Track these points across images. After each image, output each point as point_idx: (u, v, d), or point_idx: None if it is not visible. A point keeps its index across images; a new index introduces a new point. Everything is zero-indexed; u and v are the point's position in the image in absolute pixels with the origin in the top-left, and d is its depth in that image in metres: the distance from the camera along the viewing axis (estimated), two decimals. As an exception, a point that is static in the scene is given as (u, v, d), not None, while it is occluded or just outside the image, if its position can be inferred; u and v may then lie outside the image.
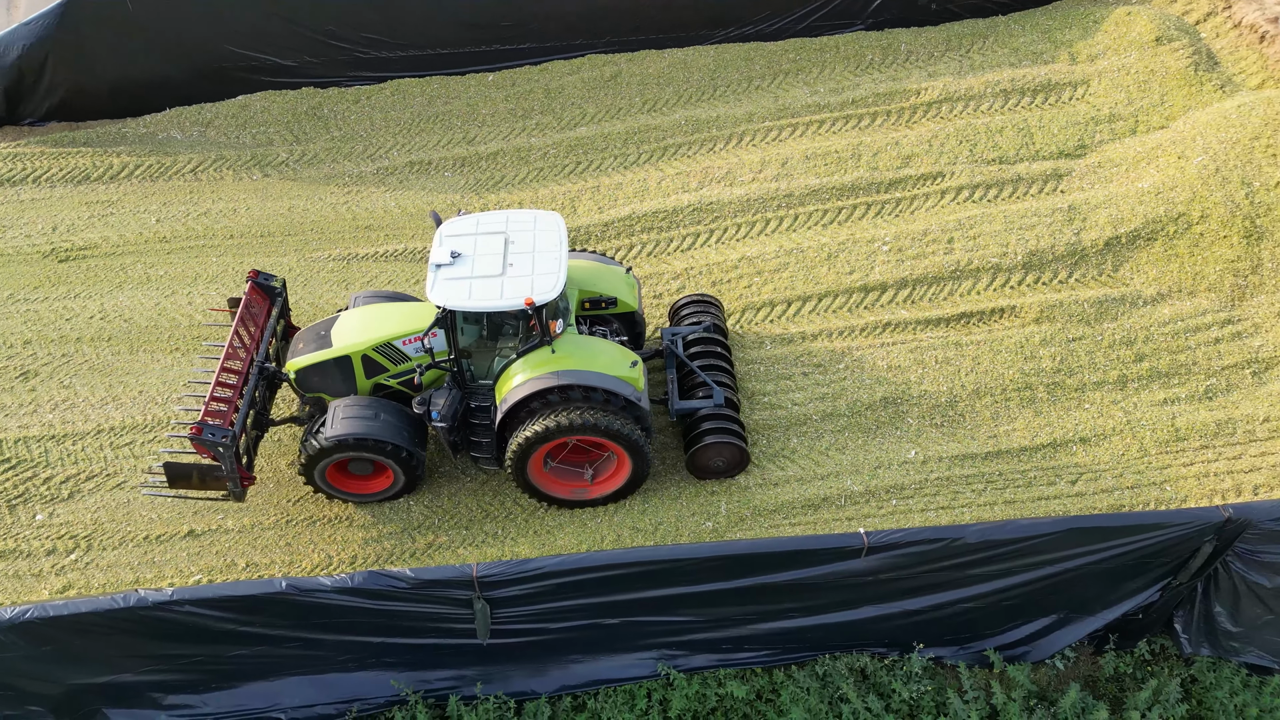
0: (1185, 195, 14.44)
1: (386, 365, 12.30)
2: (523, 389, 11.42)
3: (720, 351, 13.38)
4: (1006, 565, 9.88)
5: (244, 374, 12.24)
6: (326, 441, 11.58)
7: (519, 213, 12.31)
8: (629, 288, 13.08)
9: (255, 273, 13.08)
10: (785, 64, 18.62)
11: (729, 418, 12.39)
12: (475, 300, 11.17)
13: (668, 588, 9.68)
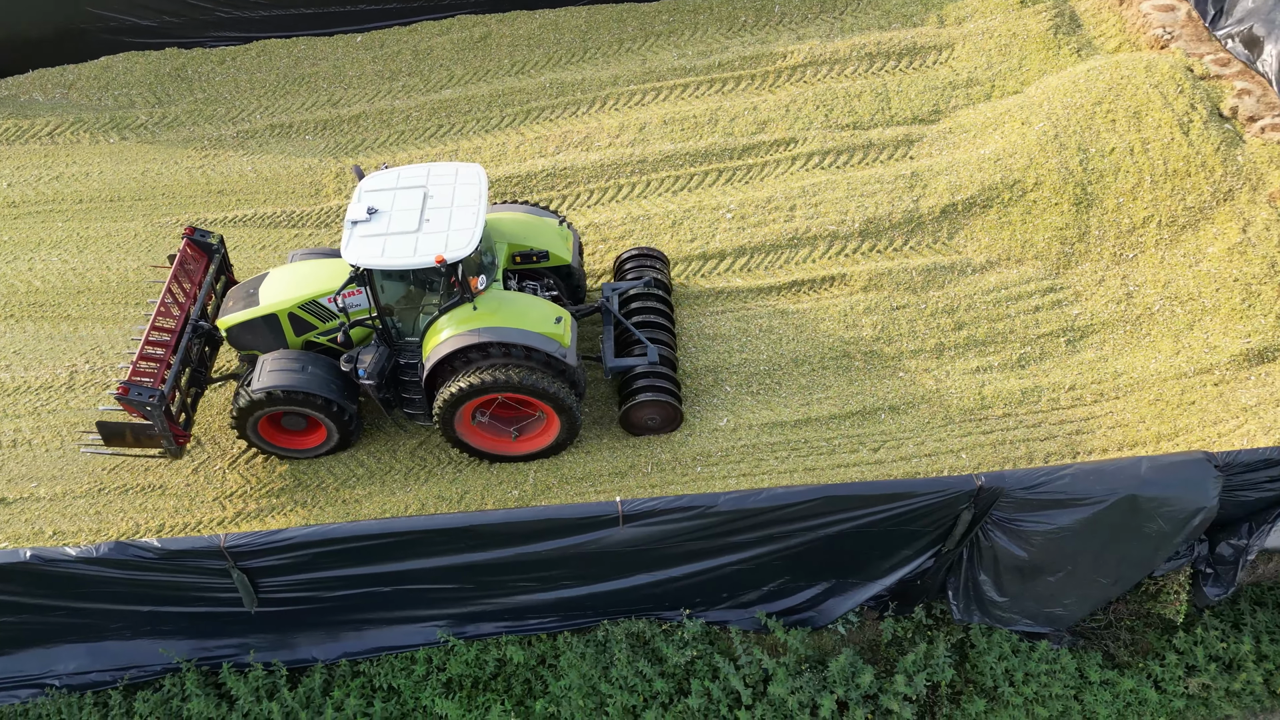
0: (1023, 162, 14.33)
1: (315, 323, 12.23)
2: (444, 347, 11.37)
3: (660, 308, 13.17)
4: (766, 533, 9.95)
5: (178, 332, 12.18)
6: (254, 394, 11.56)
7: (441, 166, 12.11)
8: (562, 240, 12.86)
9: (191, 229, 12.96)
10: (658, 25, 18.36)
11: (663, 375, 12.32)
12: (388, 258, 10.98)
13: (426, 558, 9.73)
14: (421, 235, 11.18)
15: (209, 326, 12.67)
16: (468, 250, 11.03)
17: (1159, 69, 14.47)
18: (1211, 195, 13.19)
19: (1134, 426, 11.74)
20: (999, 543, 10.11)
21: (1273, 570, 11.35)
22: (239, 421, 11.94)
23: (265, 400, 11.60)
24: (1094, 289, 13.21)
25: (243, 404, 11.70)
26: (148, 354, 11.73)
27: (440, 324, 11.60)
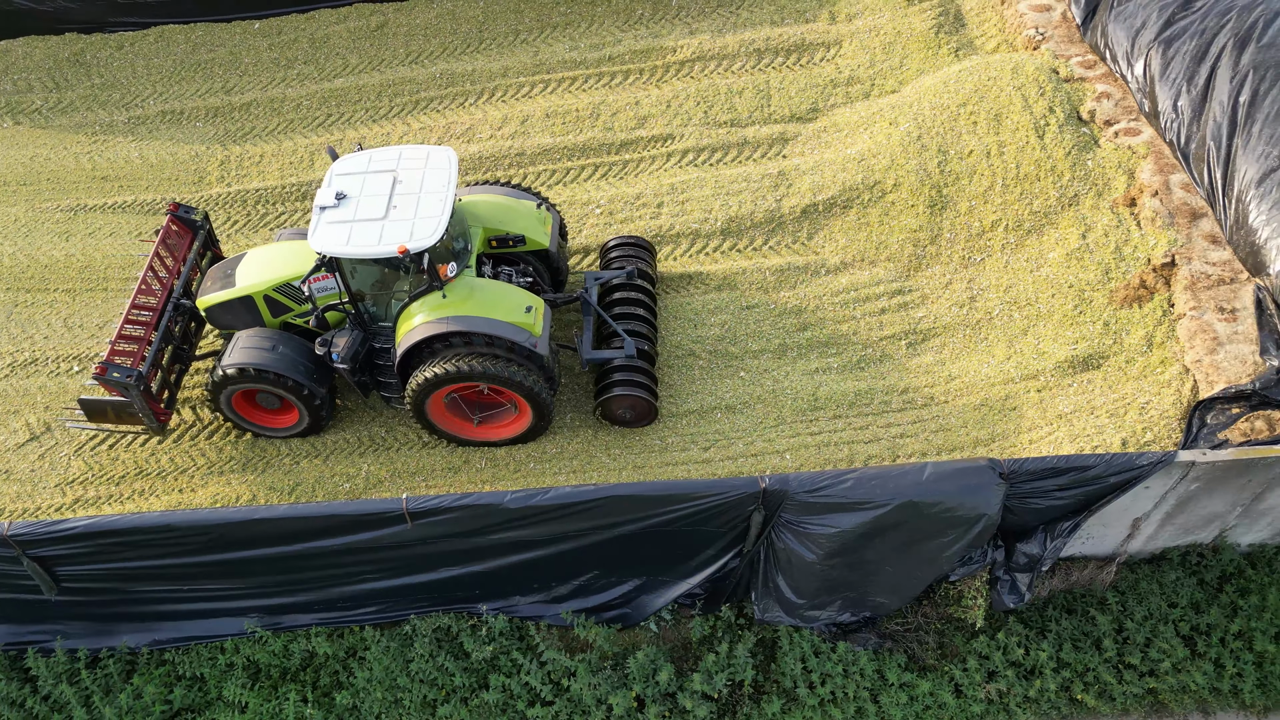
0: (885, 163, 14.30)
1: (290, 305, 12.25)
2: (412, 335, 11.35)
3: (642, 299, 13.04)
4: (560, 530, 10.05)
5: (159, 309, 12.29)
6: (223, 370, 11.66)
7: (412, 149, 11.90)
8: (540, 223, 12.66)
9: (175, 205, 13.06)
10: (555, 17, 18.31)
11: (639, 370, 12.24)
12: (353, 246, 10.90)
13: (213, 553, 9.86)
14: (388, 223, 11.03)
15: (190, 304, 12.73)
16: (433, 240, 10.88)
17: (1025, 71, 14.39)
18: (1057, 200, 13.14)
19: (956, 431, 11.77)
20: (790, 544, 10.19)
21: (1086, 578, 11.39)
22: (212, 396, 12.04)
23: (233, 378, 11.66)
24: (940, 292, 13.21)
25: (215, 379, 11.80)
26: (127, 333, 11.82)
27: (411, 310, 11.55)
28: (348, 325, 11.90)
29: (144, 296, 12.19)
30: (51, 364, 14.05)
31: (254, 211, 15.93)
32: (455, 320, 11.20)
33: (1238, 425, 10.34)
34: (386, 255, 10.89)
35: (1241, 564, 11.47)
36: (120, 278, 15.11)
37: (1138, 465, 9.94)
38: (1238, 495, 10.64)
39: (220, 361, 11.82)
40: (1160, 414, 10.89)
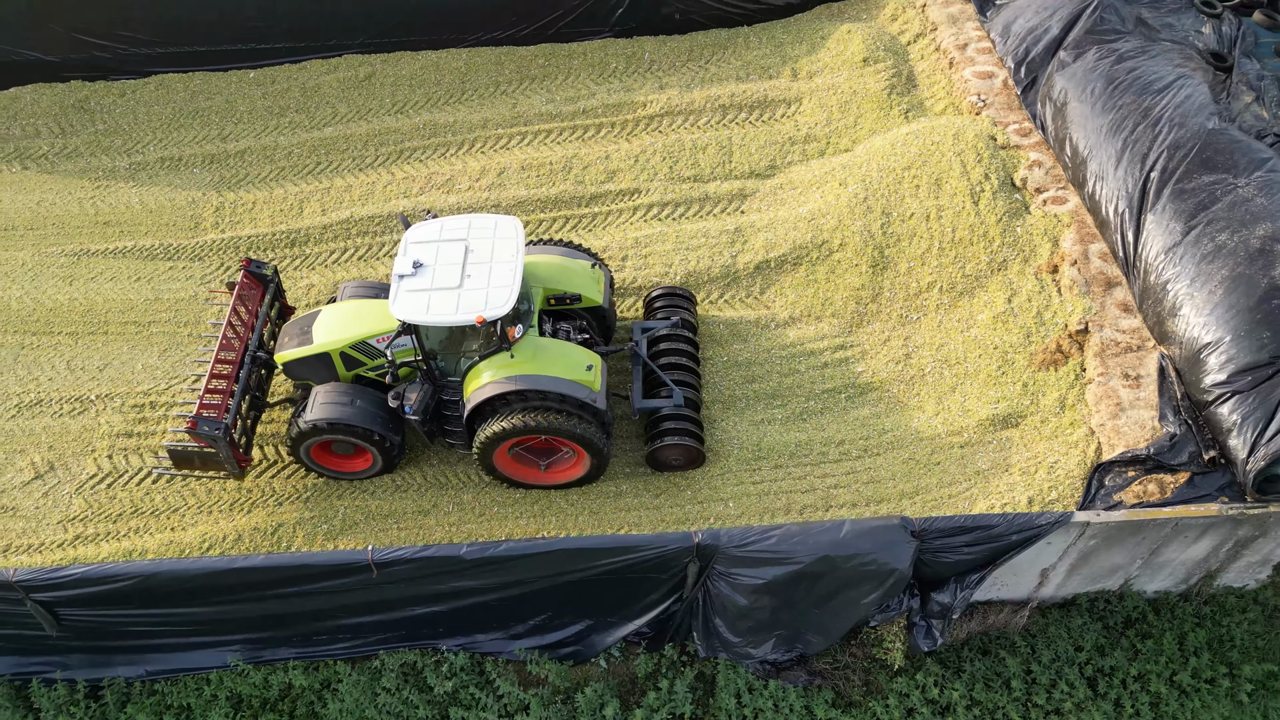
0: (833, 223, 15.28)
1: (363, 360, 13.07)
2: (482, 392, 12.19)
3: (687, 349, 13.88)
4: (514, 578, 11.07)
5: (238, 362, 13.22)
6: (305, 425, 12.54)
7: (481, 218, 12.82)
8: (594, 283, 13.56)
9: (248, 261, 13.97)
10: (534, 69, 19.30)
11: (687, 418, 13.07)
12: (432, 315, 11.76)
13: (205, 597, 10.90)
14: (463, 292, 11.87)
15: (266, 357, 13.68)
16: (506, 309, 11.72)
17: (965, 137, 15.35)
18: (988, 264, 14.11)
19: (885, 483, 12.75)
20: (723, 591, 11.20)
21: (1001, 621, 12.37)
22: (293, 447, 12.95)
23: (316, 430, 12.56)
24: (879, 348, 14.19)
25: (296, 432, 12.70)
26: (211, 387, 12.71)
27: (480, 368, 12.40)
28: (418, 379, 12.77)
29: (224, 351, 13.06)
30: (55, 405, 15.09)
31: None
32: (522, 379, 12.09)
33: (1132, 488, 11.30)
34: (464, 324, 11.83)
35: (1145, 609, 12.45)
36: (120, 321, 16.15)
37: (1037, 525, 10.95)
38: (1135, 550, 11.63)
39: (303, 416, 12.63)
40: (1066, 474, 11.86)
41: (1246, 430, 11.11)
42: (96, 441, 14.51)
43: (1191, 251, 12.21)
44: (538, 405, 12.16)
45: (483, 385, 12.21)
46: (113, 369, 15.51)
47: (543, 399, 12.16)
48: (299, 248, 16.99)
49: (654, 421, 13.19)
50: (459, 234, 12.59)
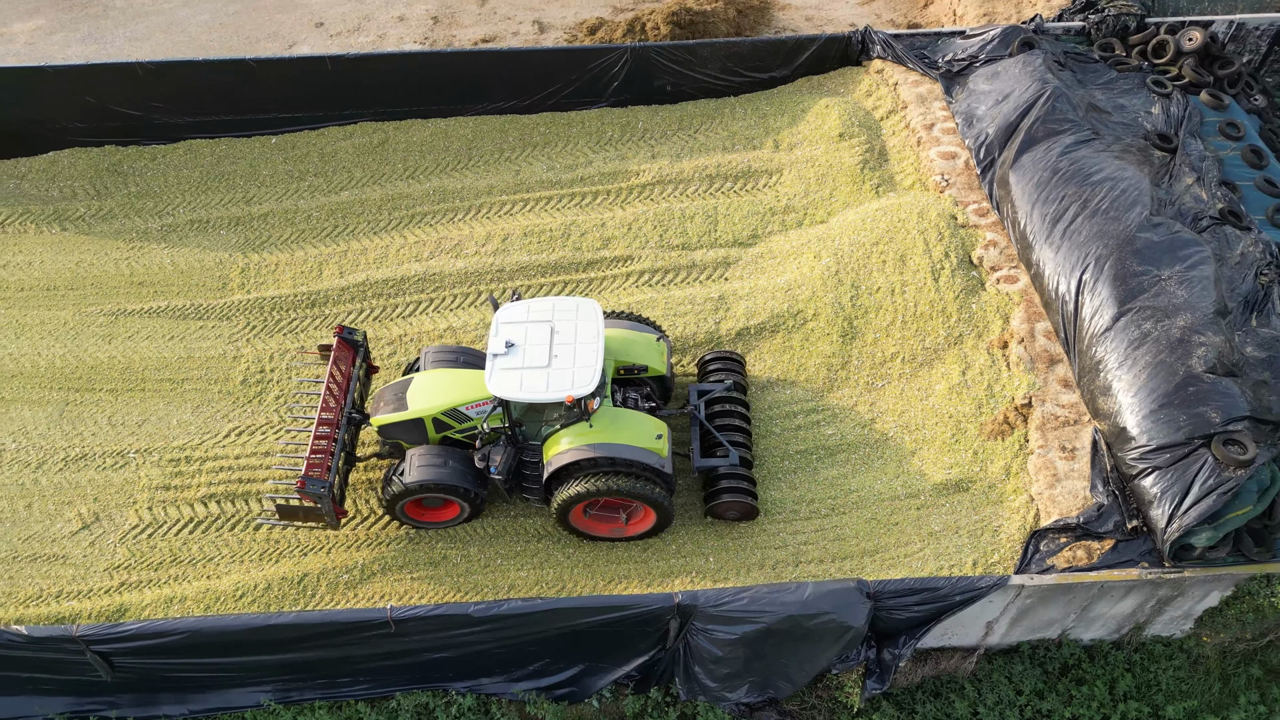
0: (807, 294, 16.70)
1: (452, 424, 14.51)
2: (563, 457, 13.64)
3: (740, 410, 15.31)
4: (517, 631, 12.51)
5: (336, 423, 14.69)
6: (406, 485, 14.01)
7: (564, 301, 14.33)
8: (659, 354, 15.09)
9: (340, 328, 15.43)
10: (536, 137, 20.72)
11: (742, 476, 14.45)
12: (525, 392, 13.31)
13: (241, 649, 12.37)
14: (552, 371, 13.39)
15: (362, 419, 15.15)
16: (591, 388, 13.24)
17: (928, 215, 16.77)
18: (945, 338, 15.54)
19: (849, 540, 14.19)
20: (701, 643, 12.65)
21: (952, 666, 13.79)
22: (390, 504, 14.39)
23: (414, 490, 14.04)
24: (847, 412, 15.62)
25: (394, 491, 14.11)
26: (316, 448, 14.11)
27: (560, 435, 13.88)
28: (501, 442, 14.14)
29: (324, 413, 14.47)
30: (98, 459, 16.54)
31: (270, 318, 18.37)
32: (600, 447, 13.53)
33: (1064, 553, 12.74)
34: (554, 401, 13.31)
35: (1081, 656, 13.89)
36: (155, 379, 17.59)
37: (978, 587, 12.39)
38: (1068, 606, 13.07)
39: (402, 478, 14.07)
40: (1008, 537, 13.30)
41: (1165, 503, 12.54)
42: (137, 494, 15.98)
43: (1121, 337, 13.65)
44: (613, 470, 13.60)
45: (563, 451, 13.68)
46: (150, 424, 16.98)
47: (616, 465, 13.59)
48: (319, 309, 18.44)
49: (712, 479, 14.58)
50: (544, 315, 14.11)
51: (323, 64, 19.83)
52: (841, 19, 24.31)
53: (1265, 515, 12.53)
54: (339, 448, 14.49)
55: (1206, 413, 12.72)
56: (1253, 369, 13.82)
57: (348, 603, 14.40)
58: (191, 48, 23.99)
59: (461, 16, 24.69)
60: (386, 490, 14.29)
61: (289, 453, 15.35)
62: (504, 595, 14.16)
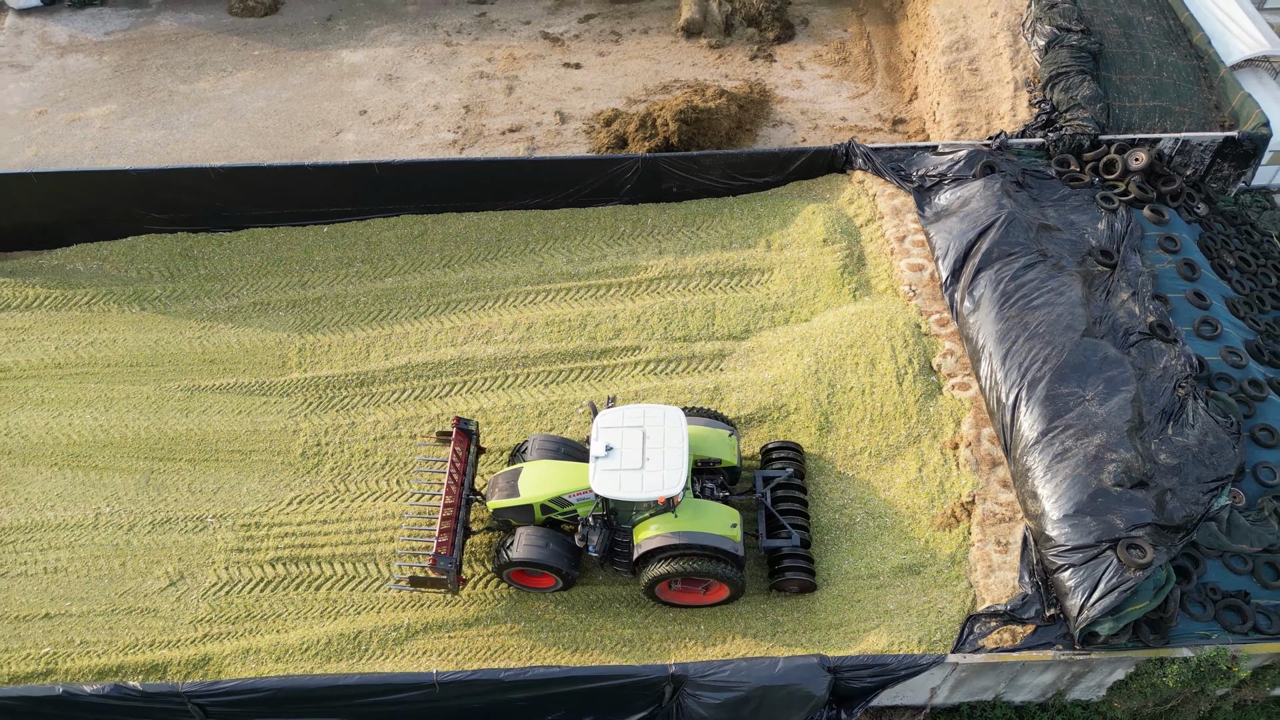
0: (790, 389, 19.29)
1: (555, 509, 17.27)
2: (652, 541, 16.33)
3: (799, 496, 17.67)
4: (539, 691, 15.18)
5: (457, 504, 17.51)
6: (513, 559, 16.70)
7: (652, 409, 16.90)
8: (731, 449, 17.65)
9: (458, 419, 18.28)
10: (557, 230, 23.34)
11: (803, 556, 16.91)
12: (624, 492, 16.11)
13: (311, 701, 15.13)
14: (646, 473, 16.10)
15: (478, 499, 17.90)
16: (679, 488, 15.91)
17: (896, 324, 19.33)
18: (906, 437, 18.11)
19: (819, 614, 16.79)
20: (691, 705, 15.29)
21: (902, 721, 16.43)
22: (499, 571, 17.13)
23: (519, 564, 16.72)
24: (822, 498, 18.20)
25: (503, 562, 16.84)
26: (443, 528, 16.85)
27: (649, 522, 16.55)
28: (596, 524, 16.78)
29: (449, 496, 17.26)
30: (181, 523, 19.31)
31: (324, 395, 21.09)
32: (684, 535, 16.18)
33: (993, 635, 15.30)
34: (650, 499, 15.99)
35: (1012, 716, 16.45)
36: (227, 450, 20.33)
37: (920, 663, 15.00)
38: (998, 678, 15.66)
39: (511, 553, 16.75)
40: (949, 618, 15.88)
41: (1077, 595, 15.09)
42: (215, 555, 18.76)
43: (1047, 450, 16.19)
44: (694, 554, 16.20)
45: (652, 536, 16.37)
46: (224, 491, 19.73)
47: (696, 549, 16.17)
48: (367, 388, 21.14)
49: (777, 558, 17.11)
50: (636, 421, 16.75)
51: (371, 169, 22.53)
52: (834, 112, 26.81)
53: (1160, 609, 15.11)
54: (460, 525, 17.23)
55: (1113, 520, 15.29)
56: (1163, 476, 16.35)
57: (395, 657, 17.17)
58: (249, 133, 26.71)
59: (491, 106, 27.31)
60: (498, 560, 17.04)
61: (416, 528, 17.91)
62: (527, 654, 16.89)
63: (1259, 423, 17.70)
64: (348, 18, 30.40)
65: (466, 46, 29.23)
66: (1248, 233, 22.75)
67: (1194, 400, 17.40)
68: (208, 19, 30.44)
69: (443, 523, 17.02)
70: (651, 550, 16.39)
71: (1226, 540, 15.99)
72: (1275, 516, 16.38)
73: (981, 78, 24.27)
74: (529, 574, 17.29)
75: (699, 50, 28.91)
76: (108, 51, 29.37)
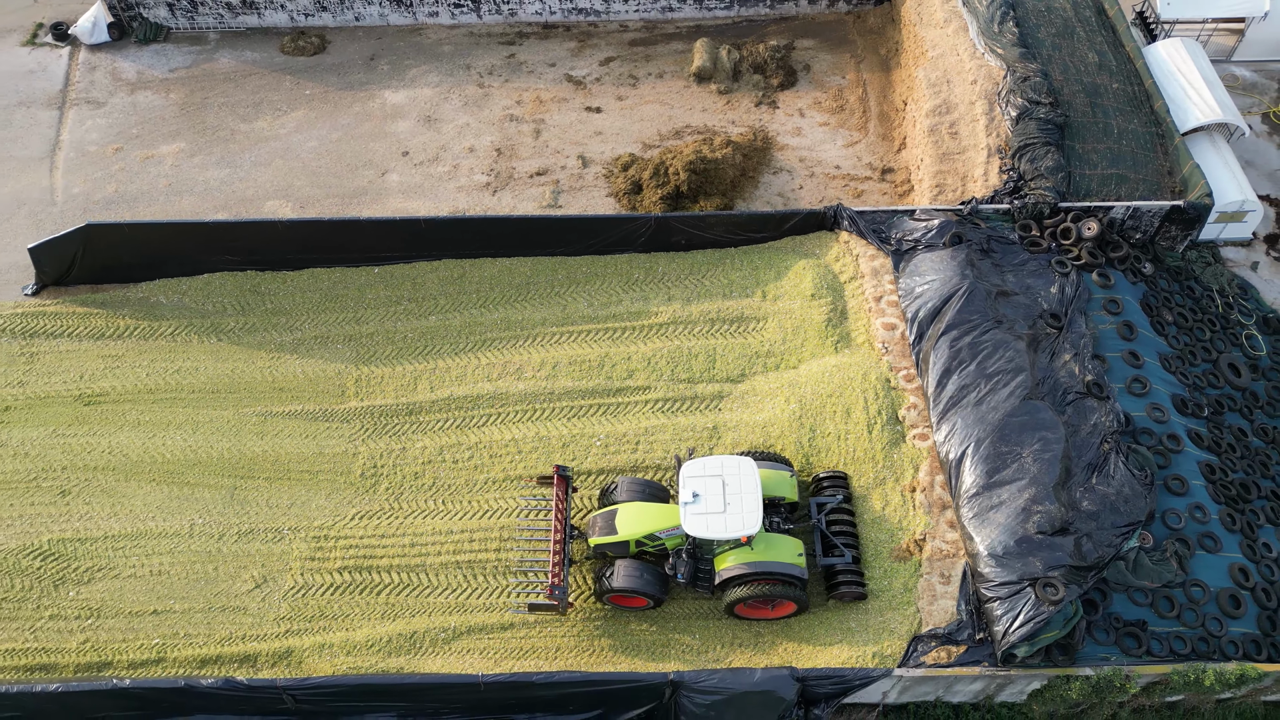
0: (778, 431, 22.60)
1: (647, 544, 20.74)
2: (731, 570, 19.79)
3: (848, 519, 20.99)
4: (563, 691, 18.81)
5: (563, 539, 20.98)
6: (614, 587, 20.15)
7: (729, 459, 20.30)
8: (792, 488, 20.93)
9: (558, 467, 21.66)
10: (579, 275, 26.52)
11: (854, 572, 20.25)
12: (711, 532, 19.49)
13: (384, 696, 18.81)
14: (728, 515, 19.52)
15: (579, 535, 21.39)
16: (756, 529, 19.31)
17: (870, 378, 22.55)
18: (873, 479, 21.44)
19: (795, 632, 20.30)
20: (686, 703, 18.91)
21: (860, 716, 19.97)
22: (600, 595, 20.60)
23: (616, 590, 20.20)
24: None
25: (605, 589, 20.32)
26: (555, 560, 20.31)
27: (729, 554, 20.02)
28: (683, 555, 20.27)
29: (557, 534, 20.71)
30: (262, 533, 22.92)
31: (378, 423, 24.54)
32: (759, 564, 19.63)
33: (932, 654, 18.79)
34: (733, 539, 19.41)
35: (950, 714, 20.04)
36: (297, 470, 23.84)
37: (871, 675, 18.57)
38: (936, 686, 19.22)
39: (611, 581, 20.17)
40: (899, 637, 19.40)
41: (1002, 623, 18.56)
42: (292, 562, 22.39)
43: (985, 500, 19.56)
44: (767, 579, 19.62)
45: (731, 566, 19.82)
46: (296, 507, 23.31)
47: (770, 576, 19.59)
48: (415, 416, 24.57)
49: (832, 573, 20.48)
50: (716, 471, 20.13)
51: (418, 224, 25.72)
52: (829, 160, 29.68)
53: (1069, 636, 18.58)
54: (565, 559, 20.76)
55: (1035, 562, 18.70)
56: (1083, 521, 19.69)
57: (444, 654, 20.85)
58: (305, 173, 29.83)
59: (520, 149, 30.29)
60: (599, 586, 20.52)
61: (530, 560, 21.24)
62: (552, 655, 20.52)
63: (1172, 473, 20.98)
64: (389, 57, 33.30)
65: (498, 89, 32.14)
66: (1190, 288, 25.73)
67: (1116, 454, 20.64)
68: (262, 57, 33.40)
69: (554, 557, 20.49)
70: (731, 577, 19.83)
71: (1131, 577, 19.39)
72: (1175, 557, 19.74)
73: (960, 141, 27.09)
74: (626, 597, 20.65)
75: (709, 95, 31.73)
76: (173, 89, 32.44)
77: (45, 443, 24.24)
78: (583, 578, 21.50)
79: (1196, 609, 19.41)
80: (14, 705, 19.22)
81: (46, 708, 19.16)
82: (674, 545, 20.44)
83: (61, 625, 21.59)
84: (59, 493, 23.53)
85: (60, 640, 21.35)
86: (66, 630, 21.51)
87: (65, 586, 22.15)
